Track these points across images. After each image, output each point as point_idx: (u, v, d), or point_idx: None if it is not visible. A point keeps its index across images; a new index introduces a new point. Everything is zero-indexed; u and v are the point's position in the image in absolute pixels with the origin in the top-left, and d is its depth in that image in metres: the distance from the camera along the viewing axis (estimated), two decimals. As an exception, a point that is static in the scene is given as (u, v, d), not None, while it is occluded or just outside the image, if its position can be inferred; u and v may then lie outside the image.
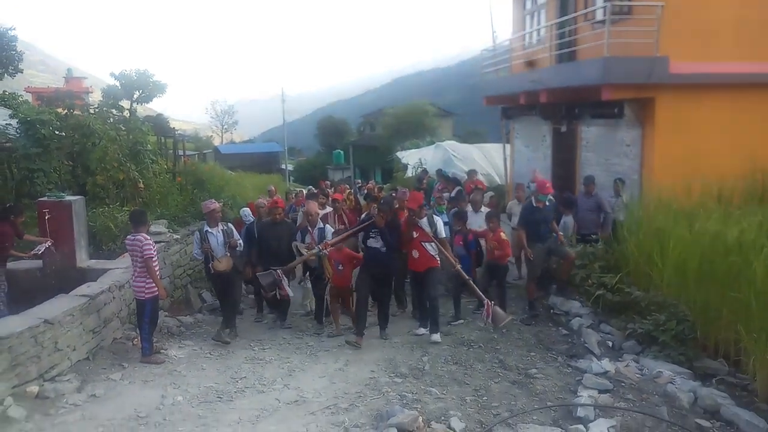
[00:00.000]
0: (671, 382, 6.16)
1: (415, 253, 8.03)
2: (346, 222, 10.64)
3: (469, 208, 10.30)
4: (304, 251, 8.42)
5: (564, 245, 9.19)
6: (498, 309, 7.72)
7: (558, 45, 13.36)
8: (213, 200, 8.98)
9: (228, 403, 6.14)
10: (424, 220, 8.03)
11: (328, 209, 10.95)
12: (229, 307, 8.66)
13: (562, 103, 13.71)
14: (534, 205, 8.97)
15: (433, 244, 7.92)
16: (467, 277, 8.10)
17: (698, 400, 5.79)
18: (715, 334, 6.75)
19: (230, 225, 8.79)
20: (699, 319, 6.92)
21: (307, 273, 9.40)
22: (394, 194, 12.10)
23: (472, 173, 14.54)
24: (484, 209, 10.20)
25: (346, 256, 8.39)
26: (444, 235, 8.20)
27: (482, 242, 9.41)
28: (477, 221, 9.86)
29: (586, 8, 12.90)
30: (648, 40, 10.57)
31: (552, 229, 9.15)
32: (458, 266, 8.07)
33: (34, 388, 6.19)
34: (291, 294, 8.71)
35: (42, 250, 8.56)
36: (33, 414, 5.81)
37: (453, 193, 13.00)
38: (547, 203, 8.93)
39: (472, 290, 8.14)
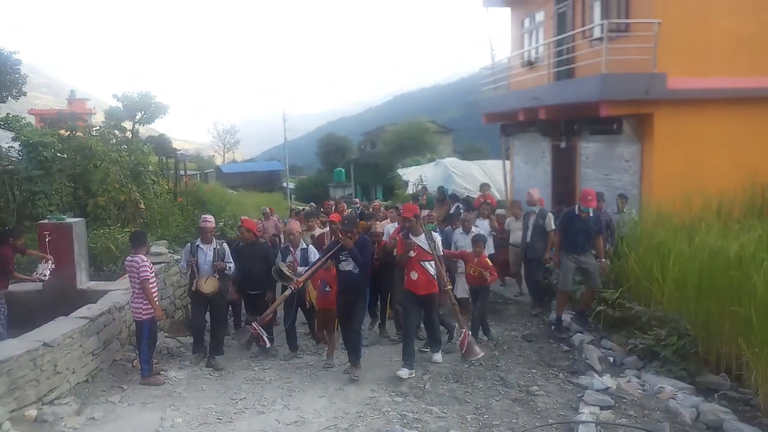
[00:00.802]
0: (673, 398, 6.13)
1: (414, 275, 7.26)
2: None
3: (460, 230, 9.44)
4: (285, 271, 7.97)
5: (601, 273, 8.37)
6: (473, 342, 7.33)
7: (556, 62, 13.45)
8: (211, 217, 8.62)
9: (228, 424, 6.10)
10: (422, 236, 7.31)
11: (326, 229, 10.41)
12: (216, 332, 8.26)
13: (561, 120, 13.77)
14: (576, 212, 8.36)
15: (432, 263, 7.25)
16: (454, 301, 7.59)
17: (701, 415, 5.76)
18: (717, 349, 6.71)
19: (225, 245, 8.42)
20: (700, 334, 6.89)
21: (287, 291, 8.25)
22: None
23: (484, 187, 13.74)
24: (476, 230, 9.28)
25: (334, 277, 7.72)
26: (441, 253, 7.51)
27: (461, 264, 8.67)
28: (464, 242, 9.13)
29: (583, 26, 13.03)
30: (646, 57, 10.65)
31: (597, 247, 8.38)
32: (450, 287, 7.56)
33: (32, 412, 6.15)
34: (269, 345, 8.15)
35: (47, 274, 8.55)
36: (31, 438, 5.78)
37: (451, 210, 12.95)
38: (591, 214, 8.29)
39: (455, 315, 7.64)
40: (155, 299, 7.39)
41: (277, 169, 58.18)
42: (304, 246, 8.48)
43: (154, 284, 7.44)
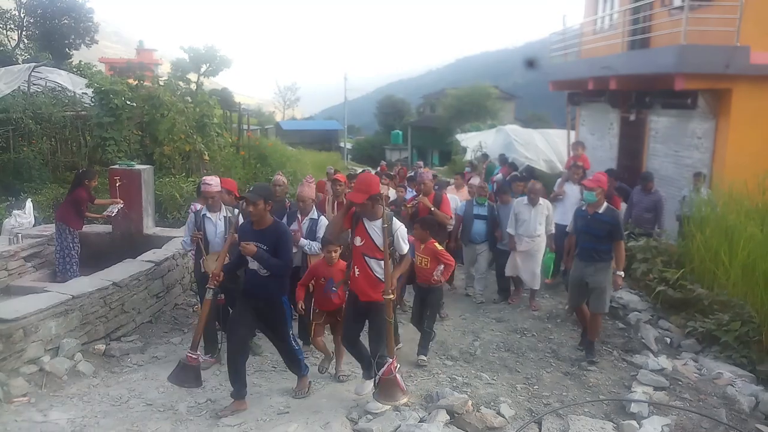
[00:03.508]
0: (731, 385, 5.96)
1: (356, 271, 5.32)
2: None
3: (525, 200, 8.37)
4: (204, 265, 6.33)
5: (615, 288, 6.80)
6: (395, 383, 5.10)
7: (631, 31, 12.92)
8: (215, 177, 6.74)
9: (282, 373, 6.29)
10: (378, 222, 5.18)
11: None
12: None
13: (632, 91, 13.29)
14: (583, 208, 6.83)
15: (383, 262, 5.15)
16: (391, 318, 5.30)
17: (760, 404, 5.58)
18: (782, 339, 6.48)
19: (236, 212, 6.44)
20: (765, 322, 6.65)
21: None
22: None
23: (577, 146, 11.04)
24: (543, 201, 8.32)
25: (341, 271, 5.98)
26: (406, 251, 5.40)
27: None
28: (534, 218, 8.25)
29: (663, -7, 12.43)
30: (728, 28, 10.10)
31: (615, 256, 6.53)
32: (392, 296, 5.20)
33: (101, 347, 6.53)
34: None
35: (115, 212, 8.96)
36: (100, 371, 6.14)
37: (508, 178, 12.69)
38: (600, 212, 6.54)
39: (387, 336, 5.29)
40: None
41: (335, 129, 58.34)
42: (315, 216, 6.78)
43: None
